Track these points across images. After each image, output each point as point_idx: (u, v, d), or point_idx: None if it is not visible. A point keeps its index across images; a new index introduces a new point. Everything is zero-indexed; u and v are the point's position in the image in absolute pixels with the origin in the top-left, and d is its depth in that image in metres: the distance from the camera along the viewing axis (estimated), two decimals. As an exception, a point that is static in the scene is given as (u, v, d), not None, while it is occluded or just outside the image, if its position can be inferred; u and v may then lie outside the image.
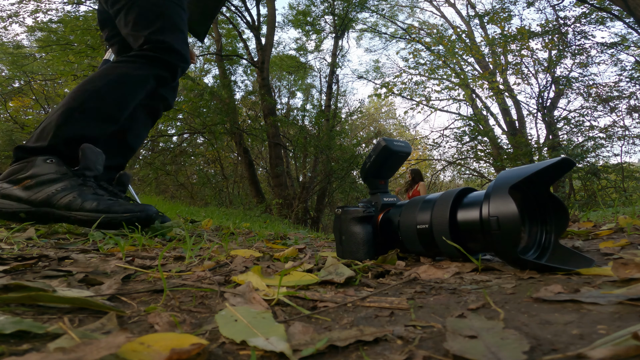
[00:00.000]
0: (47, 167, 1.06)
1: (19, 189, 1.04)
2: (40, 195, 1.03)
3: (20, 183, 1.05)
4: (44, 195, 1.03)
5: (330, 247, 1.03)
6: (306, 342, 0.29)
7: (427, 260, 0.66)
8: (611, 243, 0.71)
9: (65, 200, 1.02)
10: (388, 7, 12.85)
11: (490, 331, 0.30)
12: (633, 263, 0.44)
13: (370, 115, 19.76)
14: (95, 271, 0.54)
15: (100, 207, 1.00)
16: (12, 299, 0.37)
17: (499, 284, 0.48)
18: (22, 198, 1.04)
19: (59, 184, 1.05)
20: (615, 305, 0.35)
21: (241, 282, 0.48)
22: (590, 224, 1.08)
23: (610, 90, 9.57)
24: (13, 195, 1.04)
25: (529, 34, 9.22)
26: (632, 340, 0.25)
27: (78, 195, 1.02)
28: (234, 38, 10.76)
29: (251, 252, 0.74)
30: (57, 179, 1.05)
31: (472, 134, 10.17)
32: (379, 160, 0.73)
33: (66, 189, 1.03)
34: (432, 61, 11.20)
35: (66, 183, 1.05)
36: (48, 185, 1.04)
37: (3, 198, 1.05)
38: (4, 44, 10.92)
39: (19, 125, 11.69)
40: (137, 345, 0.26)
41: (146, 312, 0.38)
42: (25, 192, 1.04)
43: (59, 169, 1.07)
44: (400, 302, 0.41)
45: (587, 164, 8.38)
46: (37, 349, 0.28)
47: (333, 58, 12.03)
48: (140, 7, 1.20)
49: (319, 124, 10.33)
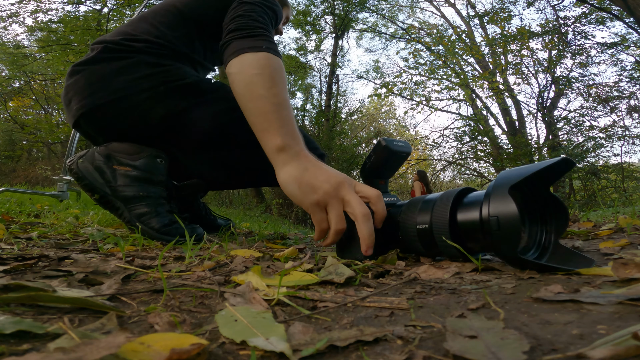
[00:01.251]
0: (155, 167, 1.01)
1: (116, 171, 0.98)
2: (128, 192, 0.97)
3: (122, 166, 0.99)
4: (130, 194, 0.97)
5: (330, 247, 1.03)
6: (306, 342, 0.29)
7: (427, 260, 0.66)
8: (611, 243, 0.71)
9: (139, 210, 0.96)
10: (388, 7, 12.86)
11: (490, 331, 0.30)
12: (633, 263, 0.44)
13: (370, 115, 19.77)
14: (95, 271, 0.54)
15: (163, 229, 0.95)
16: (12, 299, 0.37)
17: (499, 284, 0.48)
18: (110, 182, 0.97)
19: (150, 189, 0.99)
20: (615, 305, 0.35)
21: (241, 282, 0.48)
22: (590, 224, 1.08)
23: (610, 90, 9.58)
24: (106, 174, 0.98)
25: (529, 34, 9.22)
26: (632, 340, 0.25)
27: (152, 210, 0.97)
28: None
29: (251, 252, 0.74)
30: (152, 182, 1.00)
31: (472, 134, 10.18)
32: (379, 160, 0.73)
33: (149, 198, 0.98)
34: (432, 61, 11.21)
35: (155, 191, 0.99)
36: (140, 185, 0.98)
37: (95, 170, 0.98)
38: (4, 44, 10.93)
39: (19, 125, 11.70)
40: (137, 345, 0.26)
41: (146, 312, 0.38)
42: (120, 179, 0.97)
43: (161, 174, 1.01)
44: (400, 302, 0.41)
45: (587, 164, 8.38)
46: (37, 349, 0.28)
47: (333, 58, 12.04)
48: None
49: (319, 124, 10.35)
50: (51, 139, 10.56)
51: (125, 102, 0.98)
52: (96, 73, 0.99)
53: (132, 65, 0.99)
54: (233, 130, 1.07)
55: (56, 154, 13.54)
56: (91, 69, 0.99)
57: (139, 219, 0.95)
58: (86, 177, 0.98)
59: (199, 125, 1.04)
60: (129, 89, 0.98)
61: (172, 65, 1.03)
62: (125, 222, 0.98)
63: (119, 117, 1.01)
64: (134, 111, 1.00)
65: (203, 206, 1.36)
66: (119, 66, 0.99)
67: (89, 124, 1.03)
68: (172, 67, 1.02)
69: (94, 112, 0.99)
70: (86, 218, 1.43)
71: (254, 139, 1.09)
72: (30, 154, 15.52)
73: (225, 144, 1.10)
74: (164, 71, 1.00)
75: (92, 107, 0.98)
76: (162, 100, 1.00)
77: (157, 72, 1.00)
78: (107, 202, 0.99)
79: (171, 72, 1.01)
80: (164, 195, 1.02)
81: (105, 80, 0.98)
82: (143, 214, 0.96)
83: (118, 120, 1.01)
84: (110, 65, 0.99)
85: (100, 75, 0.99)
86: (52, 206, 1.95)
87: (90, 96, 0.98)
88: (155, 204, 0.98)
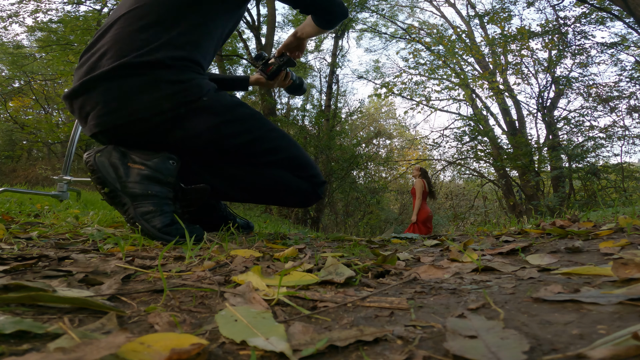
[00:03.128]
0: (166, 168, 1.02)
1: (130, 169, 0.99)
2: (137, 189, 0.98)
3: (136, 164, 1.00)
4: (138, 191, 0.98)
5: (330, 247, 1.03)
6: (306, 342, 0.29)
7: (427, 260, 0.66)
8: (611, 243, 0.71)
9: (145, 209, 0.97)
10: (388, 7, 12.86)
11: (490, 331, 0.30)
12: (633, 263, 0.44)
13: (370, 115, 19.76)
14: (95, 271, 0.54)
15: (164, 228, 0.96)
16: (12, 299, 0.37)
17: (499, 284, 0.48)
18: (121, 177, 0.98)
19: (158, 188, 1.00)
20: (615, 305, 0.35)
21: (241, 282, 0.48)
22: (590, 224, 1.08)
23: (610, 90, 9.58)
24: (119, 170, 0.99)
25: (529, 34, 9.22)
26: (632, 340, 0.25)
27: (157, 209, 0.98)
28: (234, 38, 10.75)
29: (251, 252, 0.74)
30: (161, 182, 1.01)
31: (472, 134, 10.17)
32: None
33: (156, 197, 0.99)
34: (432, 61, 11.21)
35: (162, 191, 1.01)
36: (150, 183, 0.99)
37: (110, 165, 0.99)
38: (4, 44, 10.92)
39: (19, 125, 11.70)
40: (137, 345, 0.26)
41: (146, 312, 0.38)
42: (132, 176, 0.99)
43: (171, 175, 1.03)
44: (400, 302, 0.41)
45: (587, 164, 8.38)
46: (37, 349, 0.28)
47: (333, 58, 12.04)
48: None
49: (319, 124, 10.34)
50: (51, 139, 10.56)
51: (146, 124, 1.00)
52: (114, 90, 0.98)
53: (151, 84, 0.99)
54: (247, 151, 1.11)
55: (56, 154, 13.54)
56: (107, 85, 0.98)
57: (142, 217, 0.96)
58: (100, 170, 0.99)
59: (213, 146, 1.08)
60: (150, 110, 0.98)
61: (191, 81, 1.02)
62: (128, 219, 0.99)
63: (137, 136, 1.03)
64: (153, 132, 1.02)
65: (224, 207, 1.38)
66: (138, 84, 0.98)
67: (106, 138, 1.05)
68: (190, 83, 1.02)
69: (112, 130, 1.01)
70: (86, 218, 1.43)
71: (266, 160, 1.15)
72: (30, 154, 15.52)
73: (239, 162, 1.14)
74: (184, 89, 1.01)
75: (110, 126, 1.00)
76: (181, 123, 1.02)
77: (177, 91, 1.00)
78: (114, 196, 1.00)
79: (190, 90, 1.01)
80: (170, 196, 1.03)
81: (123, 99, 0.98)
82: (148, 212, 0.97)
83: (137, 138, 1.04)
84: (128, 83, 0.98)
85: (118, 94, 0.98)
86: (52, 206, 1.95)
87: (108, 115, 0.99)
88: (160, 204, 0.99)
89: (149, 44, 1.00)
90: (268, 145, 1.14)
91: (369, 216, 10.64)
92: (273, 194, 1.20)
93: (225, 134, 1.07)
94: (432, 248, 0.99)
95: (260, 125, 1.14)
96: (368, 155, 11.06)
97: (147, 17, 1.03)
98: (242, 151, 1.11)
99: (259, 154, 1.14)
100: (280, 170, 1.17)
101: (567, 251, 0.72)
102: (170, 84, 0.99)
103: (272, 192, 1.19)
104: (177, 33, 1.03)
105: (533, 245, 0.85)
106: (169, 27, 1.03)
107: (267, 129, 1.15)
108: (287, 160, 1.17)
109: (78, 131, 2.36)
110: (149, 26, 1.02)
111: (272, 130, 1.16)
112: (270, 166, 1.16)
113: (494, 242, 0.98)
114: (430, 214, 5.06)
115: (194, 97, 1.02)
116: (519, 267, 0.58)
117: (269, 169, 1.16)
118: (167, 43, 1.01)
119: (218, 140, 1.07)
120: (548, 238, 0.94)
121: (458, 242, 1.06)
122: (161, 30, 1.02)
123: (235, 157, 1.12)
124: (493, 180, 10.68)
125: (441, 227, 11.02)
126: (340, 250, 0.91)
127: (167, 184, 1.02)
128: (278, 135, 1.17)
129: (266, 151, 1.14)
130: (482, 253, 0.74)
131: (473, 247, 0.83)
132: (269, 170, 1.16)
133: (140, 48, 0.99)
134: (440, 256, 0.80)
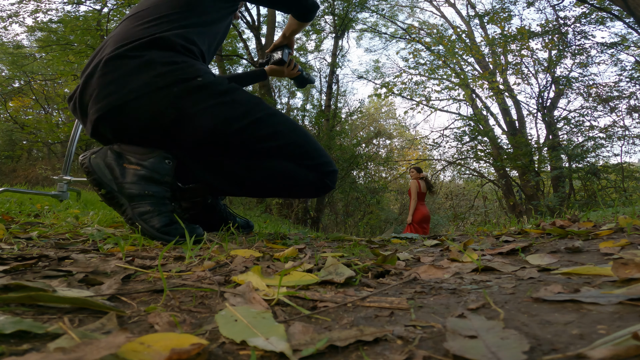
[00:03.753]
0: (162, 167, 1.02)
1: (126, 169, 0.99)
2: (133, 190, 0.98)
3: (132, 164, 1.00)
4: (135, 192, 0.98)
5: (330, 247, 1.03)
6: (306, 342, 0.29)
7: (427, 260, 0.66)
8: (611, 243, 0.71)
9: (142, 209, 0.97)
10: (388, 7, 12.85)
11: (490, 331, 0.30)
12: (633, 263, 0.44)
13: (370, 115, 19.76)
14: (95, 271, 0.54)
15: (163, 228, 0.96)
16: (12, 299, 0.37)
17: (499, 284, 0.48)
18: (118, 178, 0.98)
19: (155, 188, 0.99)
20: (615, 305, 0.35)
21: (241, 282, 0.48)
22: (590, 224, 1.08)
23: (610, 90, 9.57)
24: (115, 171, 0.99)
25: (529, 34, 9.21)
26: (632, 340, 0.25)
27: (155, 209, 0.97)
28: (234, 38, 10.75)
29: (251, 252, 0.74)
30: (158, 182, 1.01)
31: (472, 134, 10.16)
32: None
33: (153, 197, 0.99)
34: (432, 61, 11.20)
35: (159, 190, 1.00)
36: (146, 184, 0.99)
37: (106, 167, 0.99)
38: (4, 44, 10.92)
39: (19, 125, 11.69)
40: (137, 345, 0.26)
41: (146, 312, 0.38)
42: (128, 176, 0.98)
43: (168, 175, 1.02)
44: (400, 302, 0.41)
45: (587, 164, 8.37)
46: (37, 349, 0.28)
47: (333, 58, 12.03)
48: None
49: (319, 124, 10.33)
50: (51, 139, 10.56)
51: (141, 101, 0.98)
52: (110, 74, 0.98)
53: (146, 64, 0.98)
54: (244, 136, 1.06)
55: (56, 154, 13.54)
56: (104, 71, 0.98)
57: (141, 217, 0.96)
58: (96, 172, 0.99)
59: (208, 132, 1.03)
60: (145, 88, 0.97)
61: (186, 62, 1.02)
62: (127, 220, 0.98)
63: (134, 118, 1.00)
64: (148, 110, 0.99)
65: (224, 207, 1.36)
66: (133, 65, 0.98)
67: (106, 127, 1.03)
68: (185, 64, 1.01)
69: (110, 114, 0.99)
70: (86, 218, 1.43)
71: (265, 148, 1.11)
72: (30, 154, 15.52)
73: (237, 152, 1.09)
74: (178, 69, 1.00)
75: (108, 109, 0.98)
76: (175, 102, 0.99)
77: (171, 70, 0.99)
78: (112, 197, 0.99)
79: (184, 69, 1.00)
80: (167, 195, 1.03)
81: (120, 81, 0.97)
82: (145, 212, 0.96)
83: (134, 120, 1.01)
84: (124, 66, 0.98)
85: (115, 77, 0.98)
86: (52, 206, 1.95)
87: (106, 97, 0.98)
88: (158, 204, 0.98)
89: (145, 36, 1.02)
90: (267, 130, 1.07)
91: (369, 216, 10.64)
92: (276, 188, 1.16)
93: (221, 117, 1.02)
94: (432, 248, 0.99)
95: (260, 109, 1.08)
96: (368, 155, 11.06)
97: (148, 17, 1.06)
98: (239, 137, 1.05)
99: (258, 140, 1.07)
100: (283, 161, 1.11)
101: (567, 251, 0.72)
102: (164, 65, 0.99)
103: (275, 185, 1.14)
104: (176, 26, 1.05)
105: (533, 245, 0.85)
106: (167, 22, 1.05)
107: (267, 113, 1.09)
108: (289, 148, 1.10)
109: (78, 131, 2.36)
110: (147, 23, 1.05)
111: (272, 115, 1.09)
112: (271, 156, 1.10)
113: (494, 242, 0.98)
114: (426, 214, 4.99)
115: (188, 76, 1.00)
116: (519, 267, 0.58)
117: (270, 161, 1.11)
118: (165, 31, 1.03)
119: (213, 124, 1.02)
120: (548, 238, 0.94)
121: (458, 242, 1.06)
122: (158, 24, 1.05)
123: (232, 145, 1.07)
124: (493, 180, 10.67)
125: (441, 227, 11.02)
126: (340, 250, 0.91)
127: (164, 184, 1.02)
128: (279, 120, 1.10)
129: (265, 137, 1.07)
130: (482, 253, 0.74)
131: (473, 247, 0.83)
132: (270, 162, 1.11)
133: (137, 39, 1.01)
134: (440, 256, 0.80)
